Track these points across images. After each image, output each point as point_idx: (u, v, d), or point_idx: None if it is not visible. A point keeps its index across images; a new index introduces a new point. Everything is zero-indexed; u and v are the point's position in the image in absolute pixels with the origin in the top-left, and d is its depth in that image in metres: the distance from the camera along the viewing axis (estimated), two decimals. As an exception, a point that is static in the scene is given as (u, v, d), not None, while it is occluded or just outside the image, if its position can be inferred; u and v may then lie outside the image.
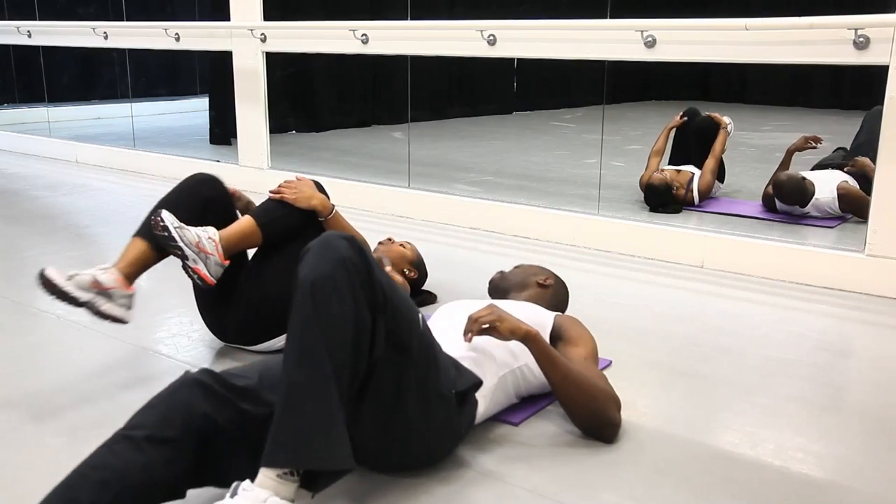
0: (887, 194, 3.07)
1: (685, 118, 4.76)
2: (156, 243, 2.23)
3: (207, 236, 2.23)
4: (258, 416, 1.53)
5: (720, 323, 2.82)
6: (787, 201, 4.14)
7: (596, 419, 1.91)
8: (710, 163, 4.52)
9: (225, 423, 1.52)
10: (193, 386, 1.53)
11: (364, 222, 2.46)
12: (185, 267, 2.18)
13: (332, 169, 5.26)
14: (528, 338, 1.86)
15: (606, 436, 1.93)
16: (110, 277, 2.17)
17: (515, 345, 1.93)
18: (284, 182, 2.47)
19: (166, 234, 2.15)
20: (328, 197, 2.48)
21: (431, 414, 1.72)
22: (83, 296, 2.11)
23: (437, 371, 1.74)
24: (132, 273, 2.24)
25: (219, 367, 2.29)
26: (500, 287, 2.46)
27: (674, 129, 4.81)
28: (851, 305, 3.02)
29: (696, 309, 2.98)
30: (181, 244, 2.15)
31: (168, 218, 2.17)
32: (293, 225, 2.37)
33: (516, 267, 2.54)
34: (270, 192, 2.45)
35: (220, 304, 2.42)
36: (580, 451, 1.88)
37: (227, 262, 2.27)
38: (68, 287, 2.09)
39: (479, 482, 1.75)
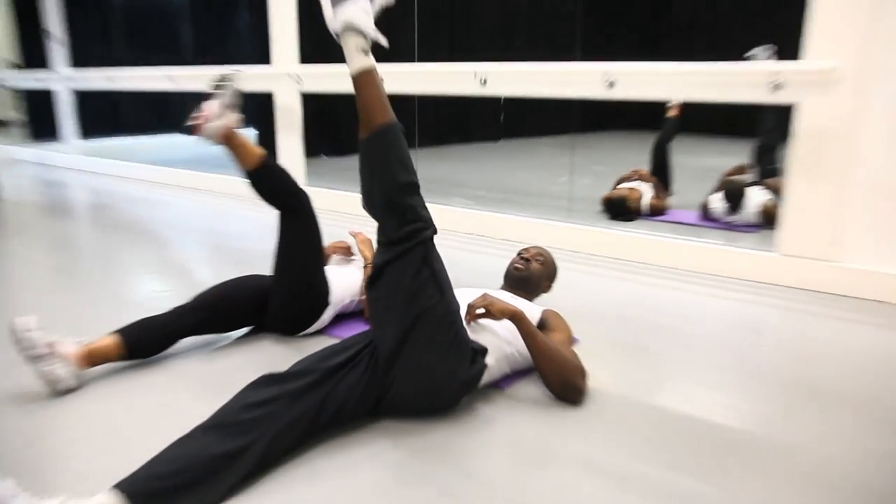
0: (794, 207, 3.12)
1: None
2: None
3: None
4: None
5: (664, 308, 2.85)
6: (728, 199, 4.15)
7: (564, 384, 1.93)
8: (659, 194, 4.57)
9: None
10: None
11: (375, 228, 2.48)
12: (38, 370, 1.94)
13: (353, 185, 5.28)
14: (516, 317, 1.90)
15: (572, 399, 1.93)
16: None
17: (509, 334, 1.97)
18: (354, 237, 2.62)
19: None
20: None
21: (453, 356, 1.76)
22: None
23: (460, 323, 1.80)
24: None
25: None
26: (521, 278, 2.30)
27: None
28: (766, 293, 3.06)
29: (646, 297, 3.02)
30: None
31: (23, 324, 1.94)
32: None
33: (538, 260, 2.34)
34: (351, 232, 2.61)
35: (261, 314, 2.39)
36: (553, 410, 1.92)
37: (84, 368, 2.00)
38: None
39: (470, 433, 1.79)
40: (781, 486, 1.60)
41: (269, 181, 2.32)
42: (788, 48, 3.04)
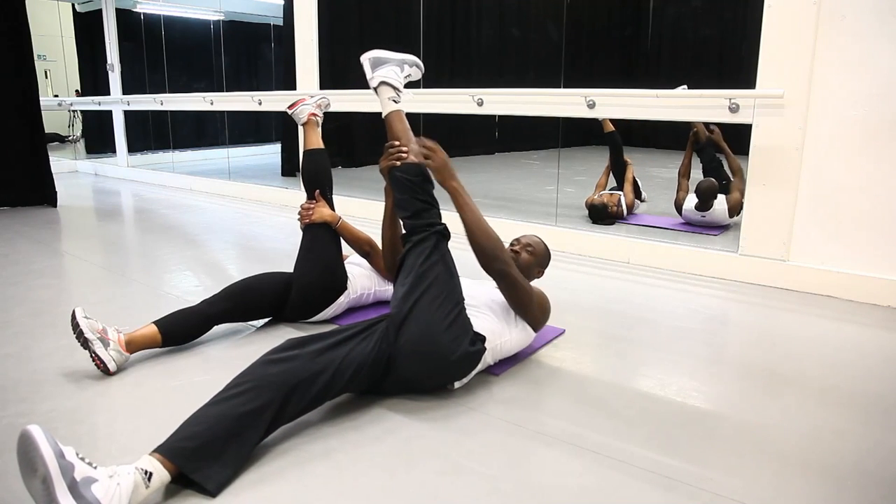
0: (753, 213, 3.09)
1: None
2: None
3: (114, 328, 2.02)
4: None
5: (640, 302, 2.83)
6: (700, 197, 4.10)
7: (489, 253, 1.88)
8: (626, 187, 4.53)
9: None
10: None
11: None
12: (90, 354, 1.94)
13: (366, 192, 5.24)
14: (452, 189, 1.97)
15: (496, 270, 1.88)
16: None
17: (497, 328, 1.93)
18: (303, 206, 2.42)
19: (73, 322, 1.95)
20: (334, 209, 2.47)
21: (456, 329, 1.74)
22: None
23: (464, 308, 1.81)
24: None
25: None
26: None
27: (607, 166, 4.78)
28: (729, 289, 3.03)
29: (624, 292, 3.00)
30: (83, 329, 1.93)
31: (79, 313, 1.96)
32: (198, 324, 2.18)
33: (528, 250, 2.17)
34: (301, 216, 2.40)
35: (281, 305, 2.37)
36: (540, 394, 1.90)
37: (127, 353, 2.00)
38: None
39: (467, 414, 1.76)
40: (746, 458, 1.56)
41: (315, 164, 2.55)
42: (752, 76, 3.01)
